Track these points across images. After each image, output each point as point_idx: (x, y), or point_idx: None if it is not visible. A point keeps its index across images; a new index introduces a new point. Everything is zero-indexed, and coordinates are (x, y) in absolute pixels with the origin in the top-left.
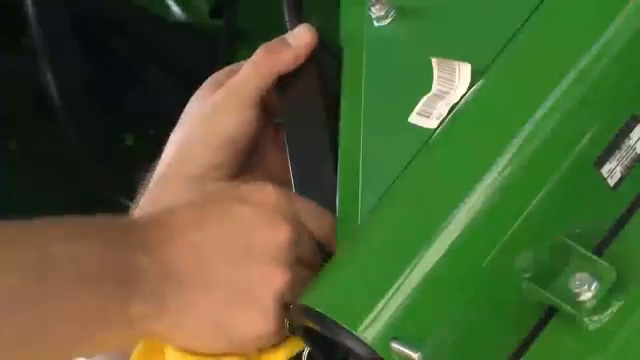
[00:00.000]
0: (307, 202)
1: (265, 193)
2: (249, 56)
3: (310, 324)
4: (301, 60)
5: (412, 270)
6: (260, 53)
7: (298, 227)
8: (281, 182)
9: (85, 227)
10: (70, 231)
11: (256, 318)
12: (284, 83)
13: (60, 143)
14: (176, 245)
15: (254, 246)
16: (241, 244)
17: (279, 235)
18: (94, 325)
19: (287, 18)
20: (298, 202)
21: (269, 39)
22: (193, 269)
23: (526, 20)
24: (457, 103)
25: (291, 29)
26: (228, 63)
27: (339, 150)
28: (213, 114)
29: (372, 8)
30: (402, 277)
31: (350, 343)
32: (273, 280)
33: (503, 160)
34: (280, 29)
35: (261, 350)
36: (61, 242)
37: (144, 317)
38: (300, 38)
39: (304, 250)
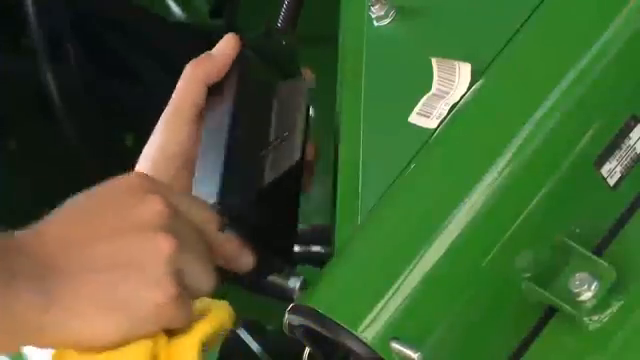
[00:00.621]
0: (172, 190)
1: (128, 176)
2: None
3: (310, 324)
4: (225, 68)
5: (412, 270)
6: (188, 69)
7: (170, 203)
8: None
9: None
10: None
11: (149, 287)
12: (212, 91)
13: (60, 143)
14: (48, 240)
15: (128, 219)
16: (114, 220)
17: (152, 206)
18: None
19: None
20: (163, 187)
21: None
22: (70, 255)
23: (526, 20)
24: (457, 103)
25: (281, 27)
26: None
27: (339, 150)
28: (160, 135)
29: (372, 8)
30: (402, 277)
31: (350, 343)
32: (159, 246)
33: (503, 160)
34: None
35: (171, 335)
36: None
37: (33, 313)
38: (223, 48)
39: (183, 227)
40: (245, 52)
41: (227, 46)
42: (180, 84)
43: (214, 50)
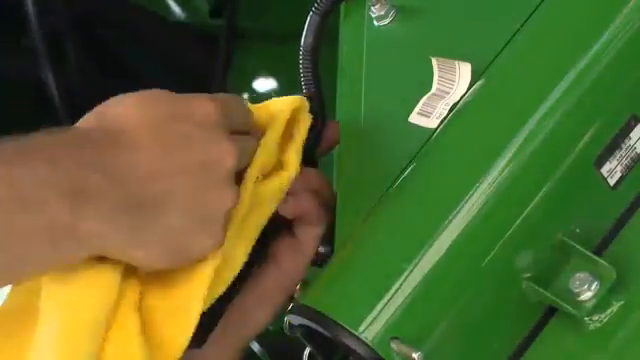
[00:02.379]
0: (232, 100)
1: (204, 106)
2: (249, 56)
3: (310, 324)
4: None
5: (412, 270)
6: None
7: (237, 141)
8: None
9: (30, 147)
10: (12, 153)
11: (208, 238)
12: None
13: None
14: (132, 163)
15: (207, 165)
16: (196, 162)
17: (226, 156)
18: (41, 246)
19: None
20: (227, 103)
21: (269, 39)
22: (150, 189)
23: (526, 20)
24: (457, 103)
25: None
26: (228, 63)
27: (339, 150)
28: None
29: (372, 8)
30: (402, 277)
31: (350, 343)
32: (226, 201)
33: (503, 160)
34: (280, 29)
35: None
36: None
37: (96, 236)
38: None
39: (245, 161)
40: None
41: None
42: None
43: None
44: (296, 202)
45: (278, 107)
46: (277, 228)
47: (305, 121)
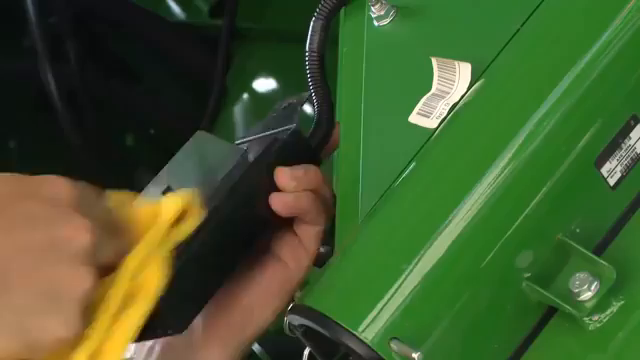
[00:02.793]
0: (95, 190)
1: (55, 185)
2: (249, 56)
3: (310, 324)
4: None
5: (412, 270)
6: None
7: (97, 223)
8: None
9: None
10: None
11: (60, 322)
12: None
13: (60, 143)
14: None
15: (55, 242)
16: (42, 241)
17: (78, 234)
18: None
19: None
20: (88, 191)
21: (269, 39)
22: None
23: (526, 20)
24: (457, 103)
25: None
26: (228, 63)
27: (339, 150)
28: None
29: (372, 8)
30: (402, 277)
31: (350, 343)
32: (80, 281)
33: (503, 160)
34: (280, 29)
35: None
36: None
37: None
38: None
39: (107, 250)
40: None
41: None
42: None
43: None
44: (296, 200)
45: (165, 207)
46: (277, 226)
47: (195, 216)
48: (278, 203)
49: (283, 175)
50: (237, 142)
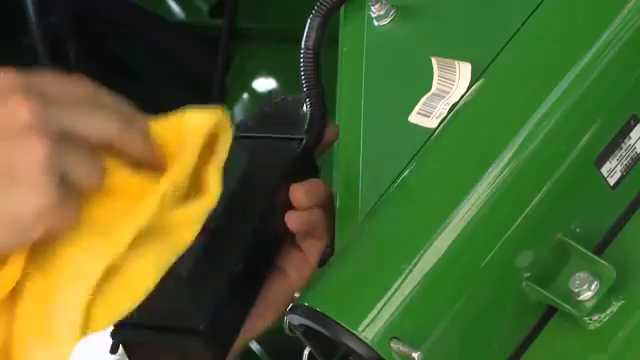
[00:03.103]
0: (55, 76)
1: None
2: (249, 56)
3: (310, 324)
4: None
5: (412, 270)
6: None
7: (39, 97)
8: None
9: None
10: None
11: (27, 193)
12: None
13: None
14: None
15: (1, 124)
16: None
17: (14, 109)
18: None
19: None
20: (41, 77)
21: (269, 39)
22: None
23: (526, 20)
24: (457, 102)
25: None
26: (228, 63)
27: (339, 150)
28: None
29: (372, 8)
30: (402, 277)
31: (350, 342)
32: (33, 149)
33: (503, 159)
34: (280, 29)
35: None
36: None
37: None
38: None
39: (66, 117)
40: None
41: None
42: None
43: None
44: (308, 218)
45: (193, 124)
46: (281, 240)
47: (227, 137)
48: (295, 221)
49: (298, 192)
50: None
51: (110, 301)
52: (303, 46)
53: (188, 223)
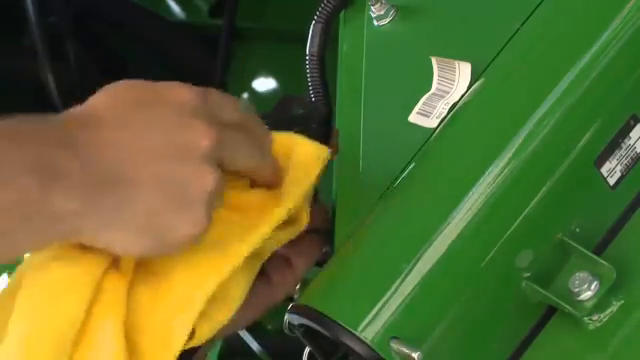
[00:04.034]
0: (223, 96)
1: (180, 92)
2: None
3: (310, 324)
4: None
5: (412, 270)
6: None
7: (218, 126)
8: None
9: (1, 127)
10: None
11: (191, 219)
12: None
13: None
14: (101, 143)
15: (181, 146)
16: (169, 144)
17: (202, 138)
18: (12, 221)
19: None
20: (214, 96)
21: (269, 39)
22: (123, 168)
23: (526, 20)
24: (457, 102)
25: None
26: (228, 63)
27: (339, 150)
28: None
29: (372, 7)
30: (402, 277)
31: (350, 342)
32: (205, 181)
33: (503, 159)
34: (279, 29)
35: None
36: None
37: (70, 214)
38: None
39: (230, 148)
40: None
41: None
42: None
43: None
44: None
45: (304, 153)
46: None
47: (321, 171)
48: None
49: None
50: None
51: (214, 316)
52: (308, 52)
53: (275, 244)
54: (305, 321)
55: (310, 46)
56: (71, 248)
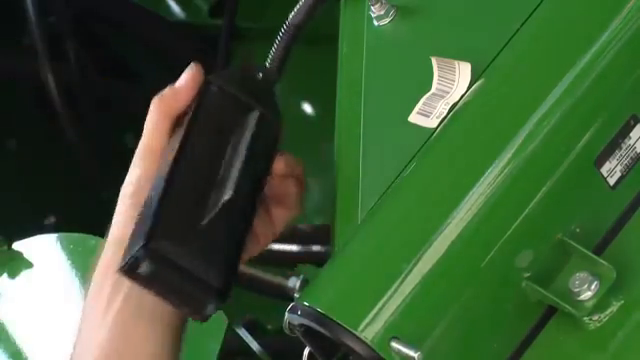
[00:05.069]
0: None
1: None
2: (249, 56)
3: (310, 324)
4: (187, 100)
5: (412, 270)
6: (153, 104)
7: None
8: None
9: None
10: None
11: None
12: (176, 124)
13: (60, 143)
14: None
15: None
16: None
17: None
18: None
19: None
20: None
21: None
22: None
23: (526, 20)
24: (457, 102)
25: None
26: (227, 63)
27: (339, 150)
28: (134, 172)
29: (372, 7)
30: (402, 277)
31: (350, 342)
32: None
33: (503, 159)
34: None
35: None
36: None
37: None
38: (185, 79)
39: None
40: (210, 84)
41: (189, 78)
42: (147, 119)
43: (177, 82)
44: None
45: None
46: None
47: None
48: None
49: (279, 161)
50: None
51: None
52: (289, 20)
53: None
54: (305, 321)
55: (295, 14)
56: None
